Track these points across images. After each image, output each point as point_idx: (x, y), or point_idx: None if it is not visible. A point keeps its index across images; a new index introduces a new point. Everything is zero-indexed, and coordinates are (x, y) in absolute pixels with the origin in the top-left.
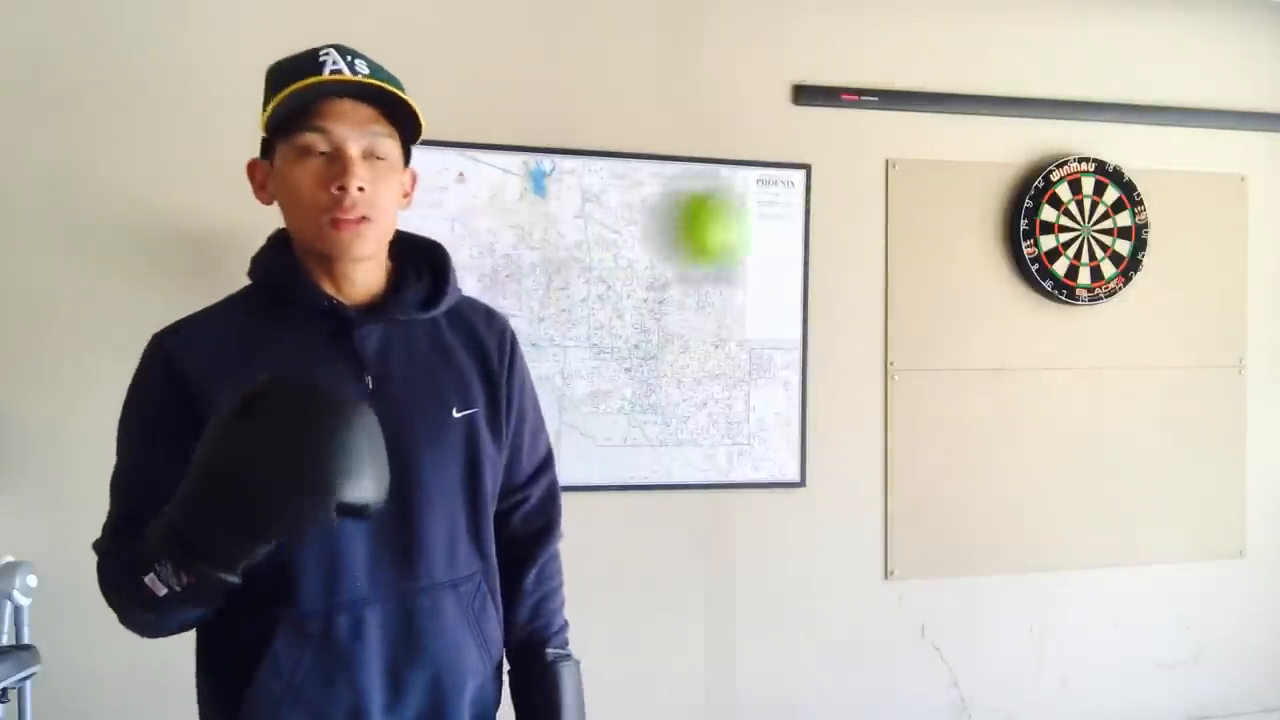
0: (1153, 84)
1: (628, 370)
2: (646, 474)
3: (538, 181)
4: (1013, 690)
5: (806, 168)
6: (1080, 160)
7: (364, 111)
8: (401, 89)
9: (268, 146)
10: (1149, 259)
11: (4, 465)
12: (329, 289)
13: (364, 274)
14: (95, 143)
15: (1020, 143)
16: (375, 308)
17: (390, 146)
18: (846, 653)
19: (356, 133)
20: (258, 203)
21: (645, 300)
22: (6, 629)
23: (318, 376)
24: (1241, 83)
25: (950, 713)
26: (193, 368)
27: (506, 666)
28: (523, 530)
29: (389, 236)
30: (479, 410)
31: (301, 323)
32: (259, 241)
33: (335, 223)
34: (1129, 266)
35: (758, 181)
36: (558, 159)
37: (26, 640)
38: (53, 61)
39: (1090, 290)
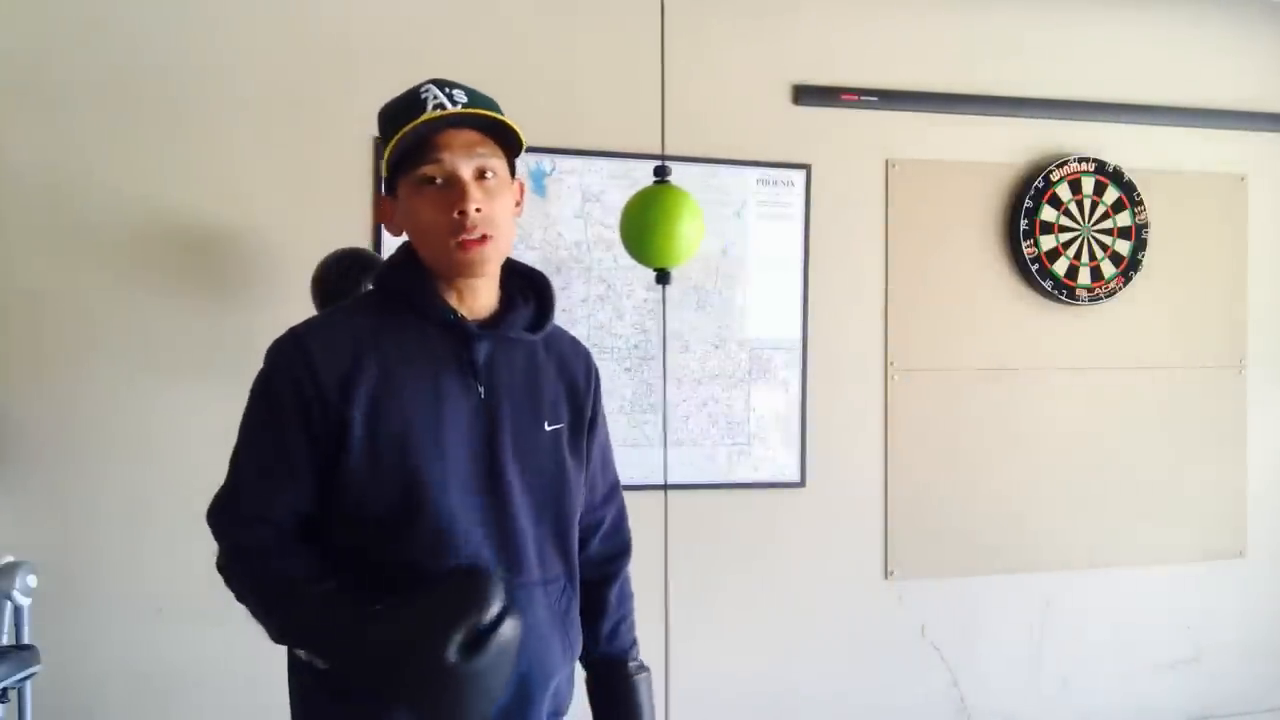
0: (1153, 84)
1: (628, 370)
2: (646, 474)
3: (538, 181)
4: (1013, 690)
5: (806, 168)
6: (1080, 160)
7: (468, 136)
8: (499, 110)
9: (390, 184)
10: (1149, 259)
11: (5, 466)
12: (453, 303)
13: (483, 292)
14: (95, 143)
15: (1020, 143)
16: (489, 324)
17: (497, 164)
18: (846, 652)
19: (465, 157)
20: (256, 203)
21: (645, 300)
22: (6, 629)
23: (433, 383)
24: (1241, 83)
25: (950, 713)
26: (327, 365)
27: (581, 674)
28: (601, 550)
29: (509, 250)
30: (564, 427)
31: (425, 330)
32: (258, 241)
33: (462, 245)
34: (1129, 266)
35: (758, 181)
36: (558, 159)
37: (26, 640)
38: (53, 61)
39: (1090, 290)
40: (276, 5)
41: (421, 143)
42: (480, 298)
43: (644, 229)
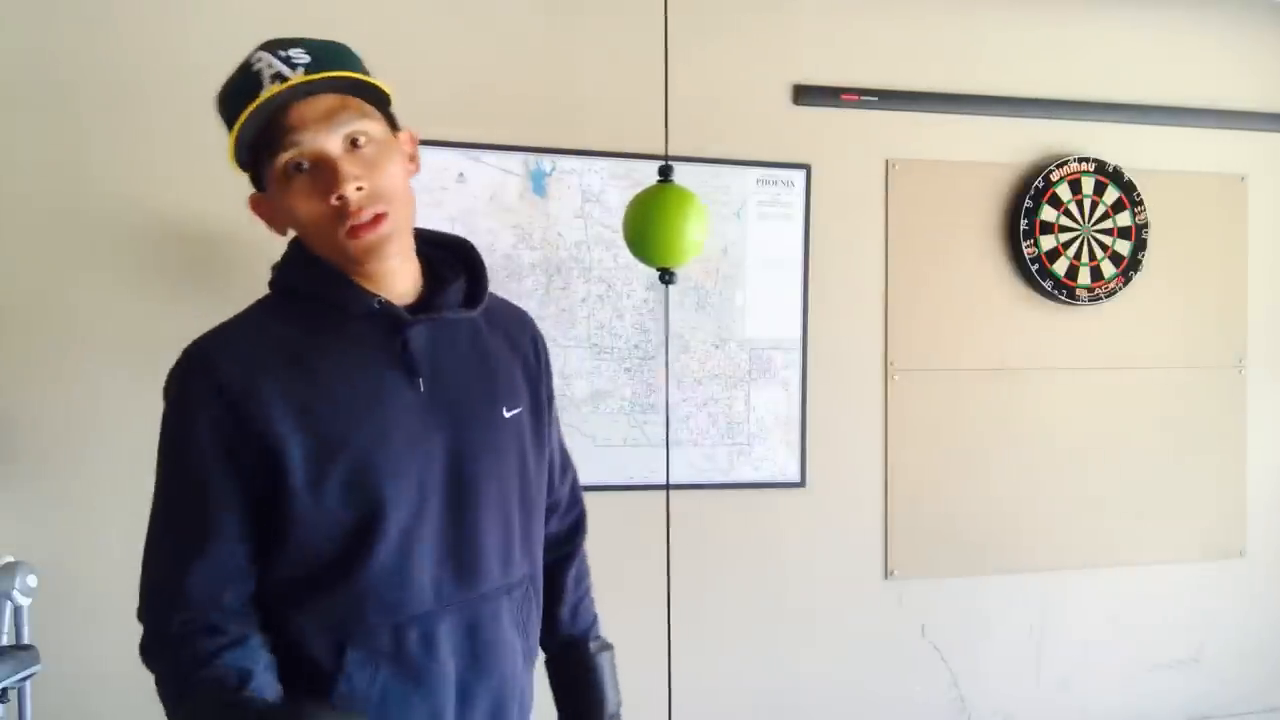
0: (1153, 84)
1: (628, 370)
2: (646, 474)
3: (538, 181)
4: (1013, 690)
5: (806, 168)
6: (1080, 160)
7: (324, 103)
8: (352, 61)
9: (257, 179)
10: (1149, 259)
11: (5, 465)
12: (373, 289)
13: (401, 273)
14: (95, 143)
15: (1020, 143)
16: (420, 307)
17: (369, 125)
18: (846, 653)
19: (326, 129)
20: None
21: (645, 300)
22: (6, 629)
23: (370, 382)
24: (1241, 83)
25: (950, 713)
26: (237, 379)
27: (541, 656)
28: (559, 530)
29: (412, 218)
30: (524, 409)
31: (345, 327)
32: (259, 241)
33: (352, 232)
34: (1129, 266)
35: (758, 181)
36: (558, 159)
37: (26, 640)
38: (53, 61)
39: (1090, 290)
40: (277, 5)
41: (270, 125)
42: (400, 280)
43: (647, 228)
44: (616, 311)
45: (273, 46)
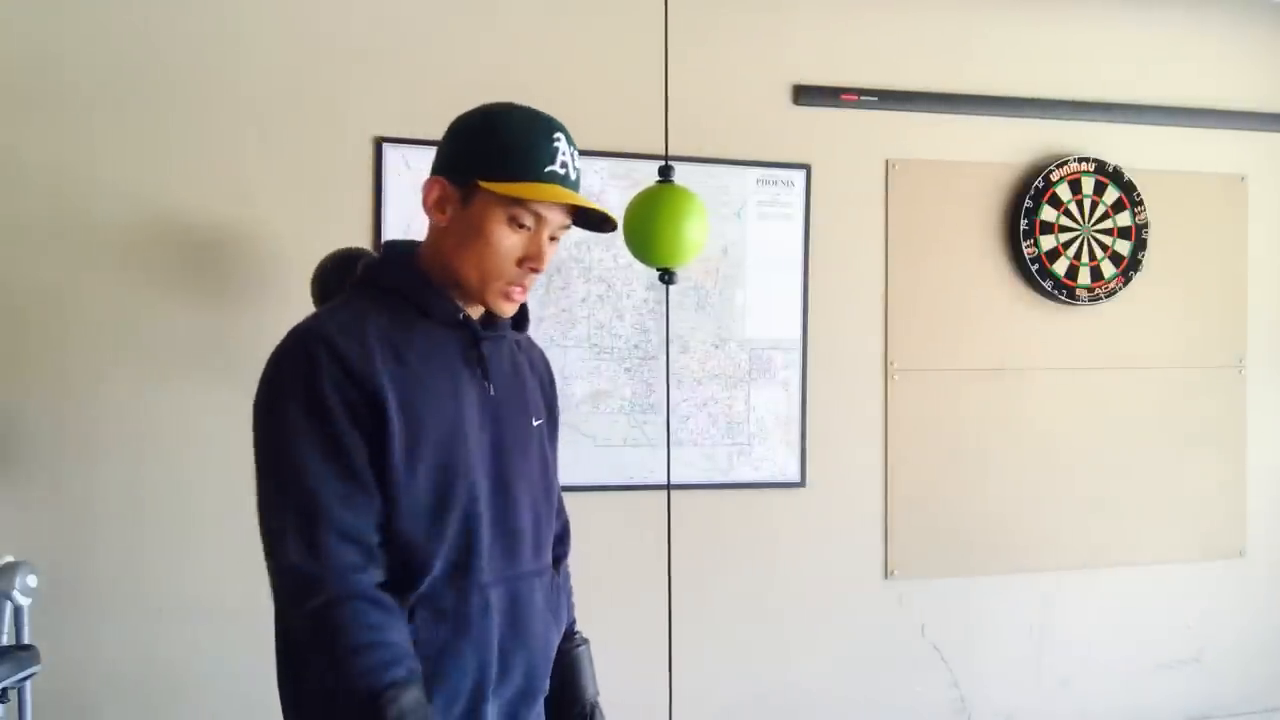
0: (1153, 84)
1: (628, 370)
2: (646, 474)
3: None
4: (1013, 690)
5: (806, 168)
6: (1080, 160)
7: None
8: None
9: (459, 173)
10: (1149, 259)
11: (5, 466)
12: (458, 302)
13: None
14: (95, 143)
15: (1020, 143)
16: (487, 324)
17: (565, 234)
18: (846, 652)
19: (559, 220)
20: (258, 203)
21: (645, 300)
22: (6, 629)
23: (450, 382)
24: (1241, 83)
25: (950, 713)
26: (356, 352)
27: None
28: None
29: None
30: (544, 422)
31: (433, 330)
32: (258, 241)
33: (508, 293)
34: (1129, 266)
35: (758, 181)
36: None
37: (26, 640)
38: (53, 61)
39: (1090, 290)
40: (279, 6)
41: (529, 182)
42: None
43: (647, 228)
44: (616, 311)
45: (566, 134)
